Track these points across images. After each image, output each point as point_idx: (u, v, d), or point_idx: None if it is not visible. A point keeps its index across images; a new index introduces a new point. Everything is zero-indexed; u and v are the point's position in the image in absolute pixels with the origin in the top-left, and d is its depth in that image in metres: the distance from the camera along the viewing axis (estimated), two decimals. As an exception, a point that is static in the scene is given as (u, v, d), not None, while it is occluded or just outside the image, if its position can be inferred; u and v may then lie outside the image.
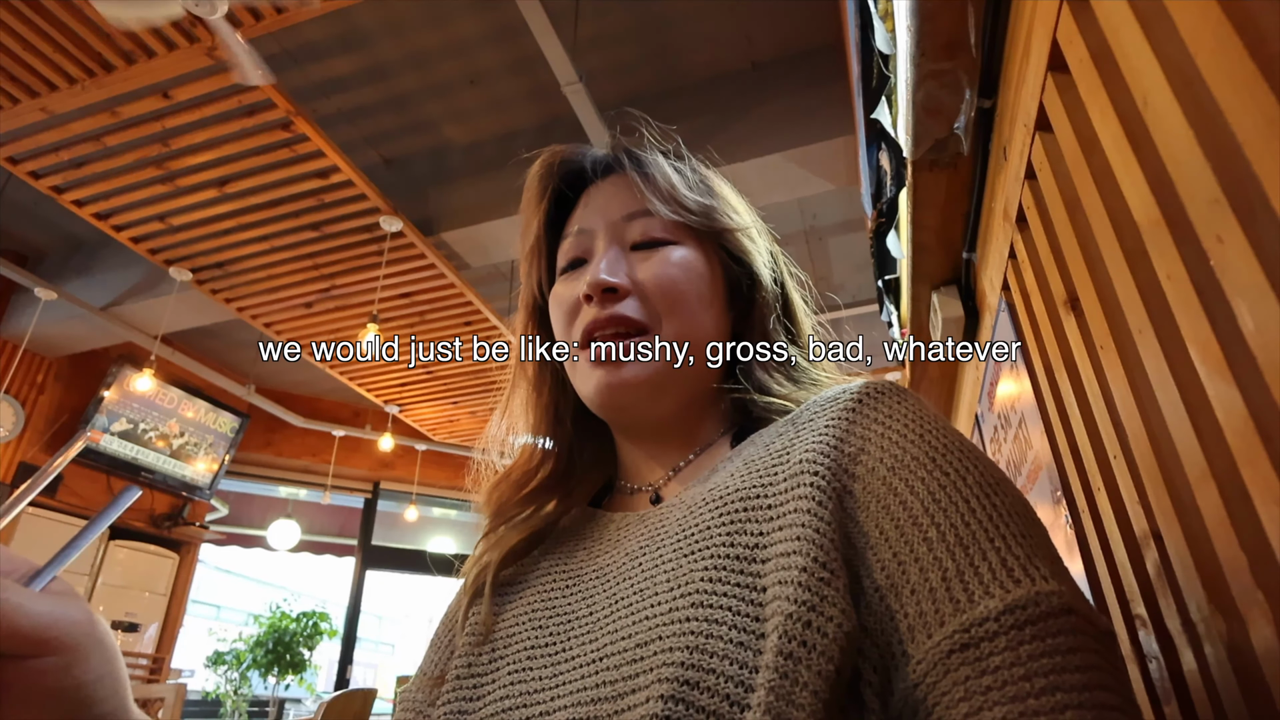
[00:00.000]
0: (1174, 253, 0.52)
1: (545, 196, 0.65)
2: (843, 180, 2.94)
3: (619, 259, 0.58)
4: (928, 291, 1.41)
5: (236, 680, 5.45)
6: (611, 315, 0.55)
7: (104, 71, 2.34)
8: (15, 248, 4.19)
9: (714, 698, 0.37)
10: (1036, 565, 0.36)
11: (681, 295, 0.56)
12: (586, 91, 2.58)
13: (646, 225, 0.59)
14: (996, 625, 0.34)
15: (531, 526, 0.60)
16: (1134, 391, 0.64)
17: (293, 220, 3.10)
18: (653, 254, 0.58)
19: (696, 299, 0.58)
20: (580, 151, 0.66)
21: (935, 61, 0.88)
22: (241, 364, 5.24)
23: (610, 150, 0.66)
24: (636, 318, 0.55)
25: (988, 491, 0.40)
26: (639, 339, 0.55)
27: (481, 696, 0.49)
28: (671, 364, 0.55)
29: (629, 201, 0.61)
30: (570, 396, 0.64)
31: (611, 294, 0.56)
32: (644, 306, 0.56)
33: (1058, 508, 0.91)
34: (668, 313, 0.56)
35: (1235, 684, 0.49)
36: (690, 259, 0.59)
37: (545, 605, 0.53)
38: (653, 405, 0.56)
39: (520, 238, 0.67)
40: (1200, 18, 0.45)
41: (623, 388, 0.54)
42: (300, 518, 6.10)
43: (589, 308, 0.56)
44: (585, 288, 0.56)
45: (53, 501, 4.35)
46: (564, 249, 0.62)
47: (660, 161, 0.63)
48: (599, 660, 0.45)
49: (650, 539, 0.51)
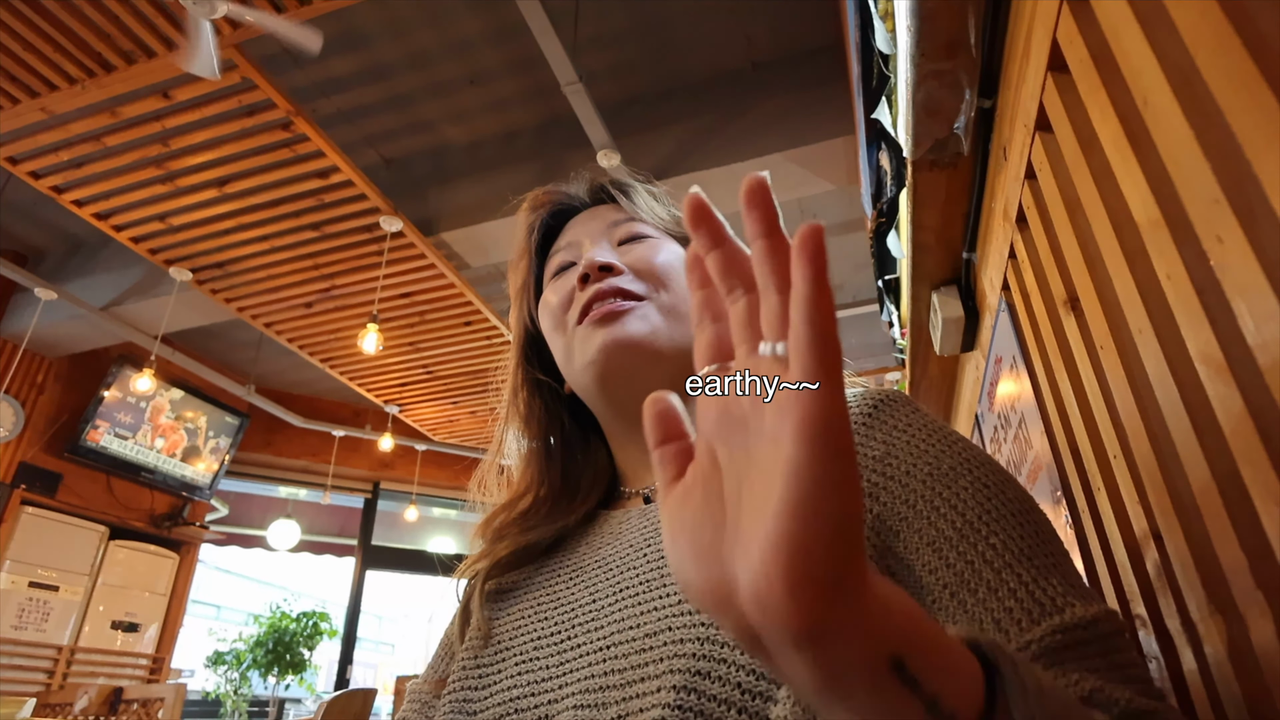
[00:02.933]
0: (1174, 253, 0.52)
1: (534, 232, 0.69)
2: (843, 180, 2.94)
3: (609, 250, 0.62)
4: (928, 291, 1.41)
5: (236, 680, 5.45)
6: (610, 286, 0.58)
7: (104, 71, 2.34)
8: (15, 248, 4.19)
9: (726, 686, 0.38)
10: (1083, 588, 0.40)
11: (671, 270, 0.60)
12: (586, 91, 2.58)
13: (630, 227, 0.64)
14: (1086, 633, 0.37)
15: (526, 540, 0.61)
16: (1134, 391, 0.64)
17: (293, 220, 3.10)
18: (638, 244, 0.62)
19: (684, 281, 0.60)
20: (562, 189, 0.71)
21: (935, 61, 0.88)
22: (241, 364, 5.24)
23: (590, 184, 0.71)
24: (633, 289, 0.58)
25: (1025, 510, 0.43)
26: (636, 304, 0.58)
27: (487, 687, 0.50)
28: (669, 330, 0.57)
29: (610, 215, 0.66)
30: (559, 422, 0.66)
31: (606, 271, 0.59)
32: (637, 281, 0.59)
33: (1058, 508, 0.91)
34: (660, 286, 0.59)
35: (1235, 684, 0.49)
36: (674, 248, 0.63)
37: (549, 597, 0.54)
38: (650, 371, 0.57)
39: (510, 274, 0.71)
40: (1200, 18, 0.45)
41: (625, 345, 0.56)
42: (300, 518, 6.10)
43: (584, 291, 0.59)
44: (582, 269, 0.59)
45: (53, 501, 4.36)
46: (550, 265, 0.66)
47: (638, 186, 0.68)
48: (606, 649, 0.45)
49: (655, 530, 0.52)
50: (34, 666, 4.12)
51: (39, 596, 4.20)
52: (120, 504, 4.75)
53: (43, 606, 4.22)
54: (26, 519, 4.19)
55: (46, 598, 4.24)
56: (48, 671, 4.17)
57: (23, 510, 4.18)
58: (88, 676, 4.30)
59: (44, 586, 4.23)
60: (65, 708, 3.48)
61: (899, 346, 1.95)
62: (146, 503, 4.95)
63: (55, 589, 4.29)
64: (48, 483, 4.34)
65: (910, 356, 1.77)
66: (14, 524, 4.12)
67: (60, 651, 4.24)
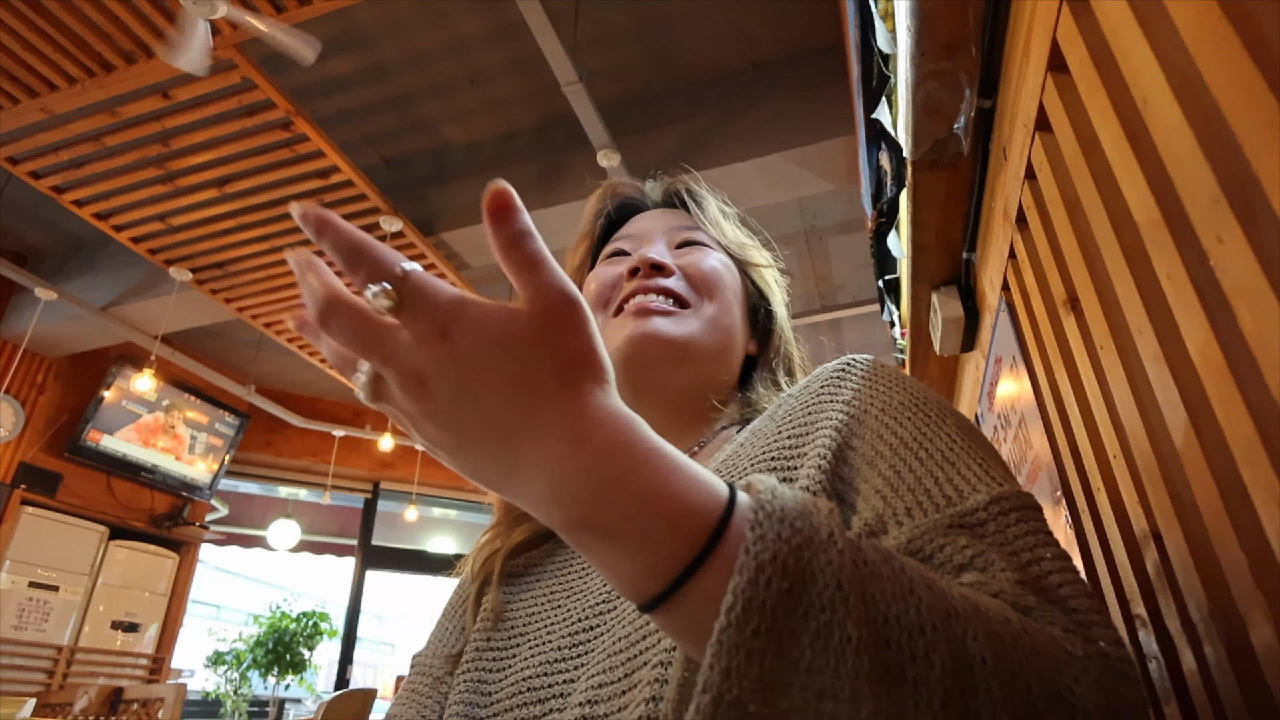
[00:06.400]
0: (1174, 253, 0.52)
1: (599, 218, 0.72)
2: (843, 180, 2.94)
3: (665, 250, 0.64)
4: (928, 291, 1.41)
5: (236, 680, 5.46)
6: (658, 285, 0.60)
7: (104, 71, 2.34)
8: (15, 248, 4.19)
9: None
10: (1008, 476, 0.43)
11: (720, 283, 0.62)
12: (586, 91, 2.58)
13: (690, 234, 0.66)
14: (985, 513, 0.40)
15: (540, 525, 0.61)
16: (1134, 391, 0.64)
17: (293, 220, 3.09)
18: (694, 250, 0.64)
19: (732, 294, 0.63)
20: (637, 186, 0.73)
21: (935, 61, 0.88)
22: (241, 364, 5.24)
23: (665, 187, 0.73)
24: (680, 292, 0.60)
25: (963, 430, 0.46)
26: (679, 310, 0.60)
27: (502, 670, 0.50)
28: (702, 338, 0.59)
29: (675, 219, 0.68)
30: None
31: (658, 270, 0.60)
32: (687, 286, 0.61)
33: (1058, 508, 0.91)
34: (707, 295, 0.61)
35: (1235, 684, 0.49)
36: (728, 263, 0.65)
37: (562, 586, 0.54)
38: (674, 369, 0.59)
39: (569, 254, 0.73)
40: (1200, 18, 0.45)
41: (654, 338, 0.58)
42: (300, 518, 6.09)
43: (630, 283, 0.60)
44: (633, 261, 0.61)
45: (53, 501, 4.36)
46: (607, 250, 0.68)
47: (711, 200, 0.70)
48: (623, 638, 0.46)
49: None
50: (34, 666, 4.11)
51: (39, 596, 4.20)
52: (120, 504, 4.74)
53: (43, 606, 4.22)
54: (26, 519, 4.19)
55: (46, 598, 4.24)
56: (48, 671, 4.17)
57: (23, 510, 4.17)
58: (88, 676, 4.30)
59: (44, 586, 4.23)
60: (65, 708, 3.48)
61: (899, 346, 1.95)
62: (146, 503, 4.95)
63: (55, 589, 4.29)
64: (48, 483, 4.34)
65: (910, 356, 1.77)
66: (14, 524, 4.12)
67: (60, 651, 4.24)
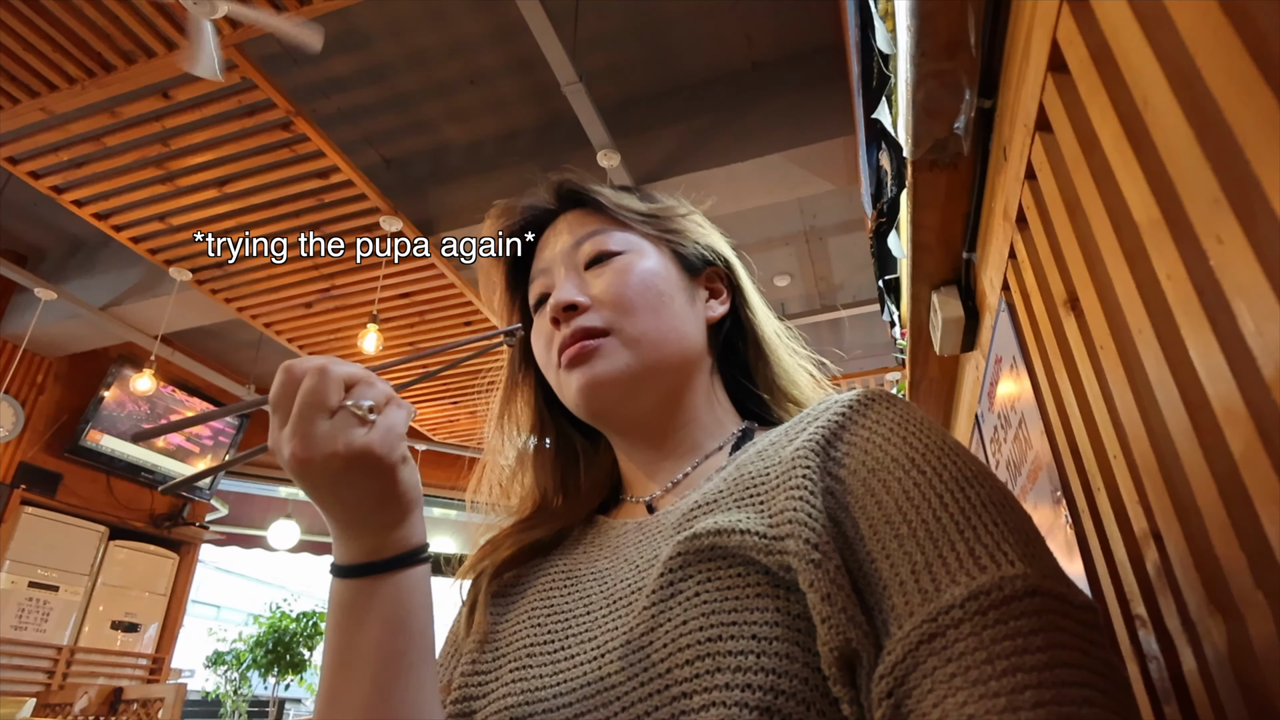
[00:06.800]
0: (1174, 253, 0.51)
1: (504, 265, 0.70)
2: (843, 180, 2.94)
3: (573, 281, 0.62)
4: (928, 291, 1.41)
5: (236, 680, 5.46)
6: (575, 329, 0.59)
7: (104, 71, 2.35)
8: (15, 248, 4.19)
9: None
10: (1004, 550, 0.36)
11: (632, 298, 0.60)
12: (586, 91, 2.58)
13: (596, 243, 0.63)
14: (961, 612, 0.33)
15: (528, 539, 0.62)
16: (1134, 391, 0.64)
17: (293, 220, 3.10)
18: (605, 267, 0.62)
19: (654, 298, 0.61)
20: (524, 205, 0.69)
21: (935, 61, 0.88)
22: (241, 364, 5.24)
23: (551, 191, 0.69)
24: (596, 325, 0.59)
25: (962, 485, 0.40)
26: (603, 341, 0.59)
27: (486, 694, 0.50)
28: (639, 359, 0.58)
29: (578, 227, 0.65)
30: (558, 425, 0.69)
31: (572, 311, 0.60)
32: (602, 314, 0.60)
33: (1058, 508, 0.91)
34: (624, 315, 0.59)
35: (1235, 684, 0.49)
36: (640, 262, 0.62)
37: (544, 604, 0.54)
38: (632, 401, 0.59)
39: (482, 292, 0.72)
40: (1200, 18, 0.45)
41: (598, 385, 0.58)
42: (300, 518, 6.09)
43: (559, 332, 0.60)
44: (550, 313, 0.61)
45: (53, 501, 4.35)
46: (532, 291, 0.66)
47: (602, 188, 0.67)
48: (599, 658, 0.46)
49: (646, 543, 0.53)
50: (34, 666, 4.11)
51: (39, 596, 4.20)
52: (120, 504, 4.74)
53: (43, 606, 4.22)
54: (26, 519, 4.19)
55: (46, 598, 4.24)
56: (48, 671, 4.17)
57: (23, 510, 4.17)
58: (88, 676, 4.30)
59: (44, 586, 4.23)
60: (65, 708, 3.48)
61: (899, 346, 1.95)
62: (146, 503, 4.95)
63: (55, 589, 4.29)
64: (48, 483, 4.34)
65: (910, 356, 1.77)
66: (14, 524, 4.12)
67: (60, 651, 4.24)
